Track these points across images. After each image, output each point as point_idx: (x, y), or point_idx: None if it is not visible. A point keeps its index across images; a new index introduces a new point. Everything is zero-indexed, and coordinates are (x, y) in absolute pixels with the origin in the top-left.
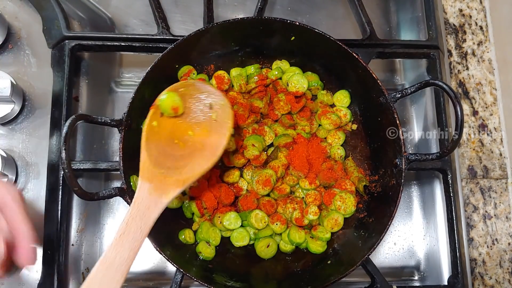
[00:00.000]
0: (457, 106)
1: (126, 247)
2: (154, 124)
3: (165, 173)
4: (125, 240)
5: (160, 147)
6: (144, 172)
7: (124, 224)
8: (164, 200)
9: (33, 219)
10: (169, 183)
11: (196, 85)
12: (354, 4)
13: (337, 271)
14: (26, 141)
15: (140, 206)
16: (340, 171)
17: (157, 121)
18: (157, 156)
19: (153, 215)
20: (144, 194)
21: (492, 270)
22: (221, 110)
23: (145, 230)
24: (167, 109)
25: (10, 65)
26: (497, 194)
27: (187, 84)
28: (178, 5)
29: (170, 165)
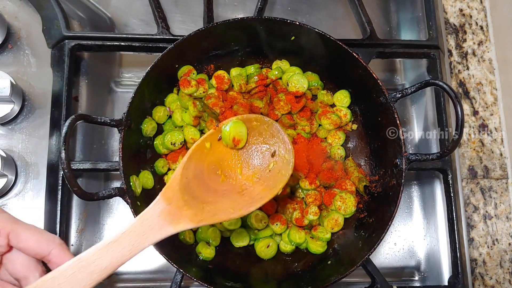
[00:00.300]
0: (457, 106)
1: (108, 258)
2: (207, 146)
3: (188, 202)
4: (111, 249)
5: (199, 171)
6: (168, 190)
7: (120, 233)
8: (170, 229)
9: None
10: (185, 215)
11: (273, 126)
12: (354, 4)
13: (337, 271)
14: (26, 141)
15: (144, 223)
16: (340, 171)
17: (211, 143)
18: (190, 180)
19: (152, 239)
20: (154, 213)
21: (492, 270)
22: (281, 164)
23: (135, 251)
24: (227, 139)
25: (10, 65)
26: (498, 194)
27: (264, 121)
28: (178, 5)
29: (198, 195)
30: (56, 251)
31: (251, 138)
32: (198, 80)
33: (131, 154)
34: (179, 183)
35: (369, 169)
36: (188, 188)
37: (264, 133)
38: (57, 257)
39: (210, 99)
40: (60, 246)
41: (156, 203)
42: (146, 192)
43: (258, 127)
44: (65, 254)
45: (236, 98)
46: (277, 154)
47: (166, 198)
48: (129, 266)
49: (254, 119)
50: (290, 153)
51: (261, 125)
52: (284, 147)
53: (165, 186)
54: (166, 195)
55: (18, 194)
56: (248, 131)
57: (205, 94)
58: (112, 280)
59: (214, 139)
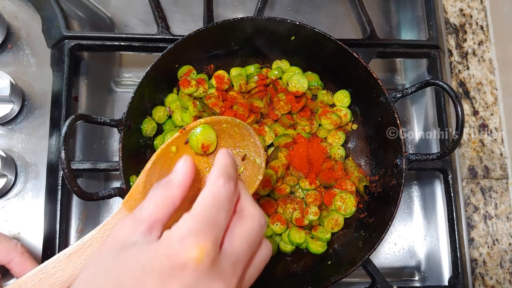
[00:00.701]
0: (457, 106)
1: (69, 269)
2: (173, 150)
3: None
4: (72, 261)
5: (164, 176)
6: (130, 198)
7: (81, 244)
8: None
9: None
10: None
11: (244, 128)
12: (354, 4)
13: (337, 271)
14: (26, 141)
15: (106, 233)
16: (340, 171)
17: (177, 146)
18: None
19: None
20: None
21: (492, 271)
22: (251, 169)
23: None
24: (195, 145)
25: (10, 65)
26: (498, 194)
27: (235, 123)
28: (178, 5)
29: None
30: (17, 260)
31: (220, 141)
32: (198, 80)
33: (131, 154)
34: (141, 191)
35: (369, 169)
36: None
37: (235, 135)
38: (18, 266)
39: (210, 99)
40: (21, 255)
41: (118, 212)
42: None
43: (228, 129)
44: (27, 263)
45: (236, 98)
46: (247, 158)
47: (129, 207)
48: None
49: (224, 121)
50: (261, 157)
51: (231, 127)
52: (255, 150)
53: (128, 194)
54: (129, 203)
55: (18, 194)
56: (217, 133)
57: (205, 94)
58: None
59: (180, 143)
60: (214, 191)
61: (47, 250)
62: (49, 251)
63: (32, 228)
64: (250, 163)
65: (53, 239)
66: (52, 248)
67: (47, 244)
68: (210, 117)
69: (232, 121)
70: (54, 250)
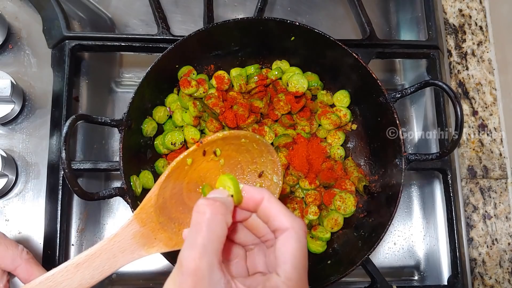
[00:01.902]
0: (457, 106)
1: (77, 279)
2: (188, 162)
3: (163, 224)
4: (80, 271)
5: (178, 189)
6: (142, 211)
7: (89, 254)
8: (142, 253)
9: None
10: (160, 238)
11: (263, 145)
12: (354, 4)
13: (337, 271)
14: (26, 141)
15: (116, 245)
16: (340, 171)
17: (193, 159)
18: (167, 200)
19: (122, 262)
20: (127, 235)
21: (492, 270)
22: (267, 186)
23: (105, 273)
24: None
25: (10, 65)
26: (497, 194)
27: (254, 139)
28: (178, 5)
29: (175, 216)
30: (23, 267)
31: (238, 155)
32: (198, 80)
33: (132, 154)
34: (154, 205)
35: (369, 169)
36: (164, 208)
37: (253, 151)
38: (24, 273)
39: (210, 99)
40: (26, 262)
41: (129, 224)
42: (147, 192)
43: (246, 144)
44: (33, 270)
45: (236, 98)
46: (265, 175)
47: (140, 219)
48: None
49: (243, 135)
50: (279, 176)
51: (250, 143)
52: (272, 168)
53: (139, 207)
54: (140, 216)
55: (18, 194)
56: (235, 147)
57: (205, 94)
58: (112, 280)
59: (197, 156)
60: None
61: (47, 250)
62: (50, 250)
63: (32, 228)
64: (267, 180)
65: (53, 239)
66: (53, 248)
67: (48, 244)
68: (229, 131)
69: (252, 136)
70: (54, 250)
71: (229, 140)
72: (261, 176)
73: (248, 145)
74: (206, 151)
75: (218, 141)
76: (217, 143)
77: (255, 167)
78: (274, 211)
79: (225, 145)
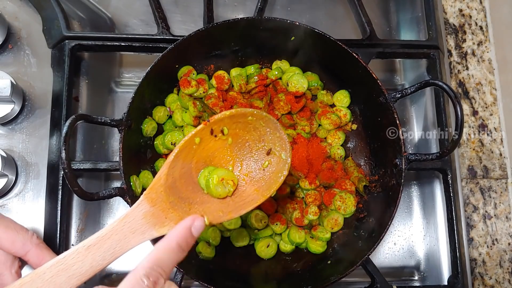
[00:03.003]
0: (457, 106)
1: (88, 261)
2: (196, 141)
3: (174, 203)
4: (91, 253)
5: (187, 168)
6: (152, 191)
7: (100, 236)
8: (154, 233)
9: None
10: (170, 218)
11: (271, 122)
12: (354, 4)
13: (337, 271)
14: (26, 141)
15: (126, 225)
16: (340, 171)
17: (201, 138)
18: (176, 179)
19: (134, 243)
20: (137, 215)
21: (492, 270)
22: (276, 164)
23: (117, 254)
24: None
25: (10, 65)
26: (497, 194)
27: (261, 116)
28: (178, 5)
29: (185, 195)
30: (33, 252)
31: (245, 133)
32: (198, 80)
33: (132, 154)
34: (164, 184)
35: (369, 169)
36: (174, 188)
37: (260, 128)
38: (34, 258)
39: (210, 99)
40: (37, 246)
41: (139, 204)
42: None
43: (253, 122)
44: (43, 254)
45: (236, 98)
46: (273, 152)
47: (150, 199)
48: (130, 266)
49: (250, 113)
50: (287, 152)
51: (257, 120)
52: (281, 145)
53: (149, 187)
54: (150, 196)
55: (18, 194)
56: (242, 125)
57: (205, 94)
58: (112, 280)
59: (204, 134)
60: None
61: None
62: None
63: (32, 228)
64: (275, 157)
65: (53, 238)
66: (53, 248)
67: (48, 244)
68: (236, 109)
69: (259, 114)
70: (54, 250)
71: (236, 118)
72: (269, 153)
73: (255, 122)
74: (213, 129)
75: (226, 119)
76: (224, 121)
77: (263, 145)
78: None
79: (232, 124)
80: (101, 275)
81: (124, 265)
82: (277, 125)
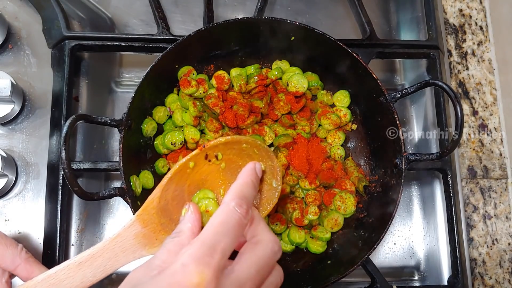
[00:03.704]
0: (457, 106)
1: (79, 277)
2: (190, 165)
3: (165, 225)
4: (82, 269)
5: (179, 191)
6: (144, 212)
7: (91, 253)
8: (144, 253)
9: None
10: (160, 239)
11: (264, 150)
12: (354, 4)
13: (337, 271)
14: (26, 141)
15: (118, 244)
16: (340, 171)
17: (195, 162)
18: (169, 201)
19: (124, 261)
20: (129, 235)
21: (492, 270)
22: (267, 192)
23: (107, 272)
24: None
25: (10, 65)
26: (497, 194)
27: (255, 144)
28: (178, 5)
29: (176, 217)
30: (22, 266)
31: (239, 160)
32: (198, 80)
33: (132, 154)
34: (156, 206)
35: (369, 169)
36: (166, 210)
37: (254, 156)
38: (24, 272)
39: (210, 99)
40: (26, 261)
41: (131, 225)
42: (147, 192)
43: (247, 149)
44: (33, 268)
45: (236, 98)
46: (264, 180)
47: (142, 220)
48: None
49: (244, 141)
50: (278, 181)
51: (251, 148)
52: (272, 173)
53: (141, 208)
54: (142, 217)
55: (18, 194)
56: (236, 152)
57: (205, 94)
58: (112, 280)
59: (199, 159)
60: (223, 216)
61: (47, 249)
62: (50, 250)
63: (32, 228)
64: (266, 185)
65: (53, 238)
66: (53, 248)
67: (48, 244)
68: (232, 136)
69: (253, 142)
70: (54, 250)
71: (231, 145)
72: (261, 181)
73: (249, 150)
74: (208, 155)
75: (220, 145)
76: (219, 147)
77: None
78: (258, 229)
79: (226, 150)
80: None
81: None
82: (270, 154)
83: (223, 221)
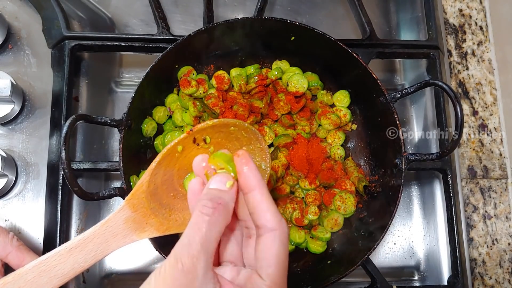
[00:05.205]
0: (457, 106)
1: (70, 263)
2: (179, 149)
3: (154, 209)
4: (73, 255)
5: (169, 175)
6: (133, 197)
7: (82, 239)
8: (134, 237)
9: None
10: (151, 223)
11: (252, 132)
12: (354, 4)
13: (337, 271)
14: (26, 141)
15: (108, 230)
16: (340, 171)
17: (183, 146)
18: (158, 186)
19: (115, 246)
20: (119, 220)
21: (492, 270)
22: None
23: (98, 257)
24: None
25: (10, 65)
26: (497, 194)
27: (243, 127)
28: (178, 5)
29: (166, 201)
30: (13, 254)
31: (227, 143)
32: (198, 81)
33: (131, 154)
34: (145, 190)
35: (369, 169)
36: (155, 194)
37: (242, 139)
38: (15, 259)
39: (210, 99)
40: (17, 249)
41: (121, 210)
42: None
43: (235, 132)
44: (24, 256)
45: (236, 98)
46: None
47: (132, 205)
48: (130, 266)
49: (232, 124)
50: (267, 163)
51: (239, 131)
52: (261, 155)
53: (131, 193)
54: (132, 202)
55: (18, 194)
56: (224, 135)
57: (205, 94)
58: (112, 280)
59: (187, 143)
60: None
61: (47, 249)
62: (50, 250)
63: (32, 228)
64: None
65: (53, 238)
66: (53, 248)
67: (48, 244)
68: (219, 119)
69: (240, 124)
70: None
71: (219, 128)
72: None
73: (237, 133)
74: (196, 138)
75: (208, 129)
76: (207, 131)
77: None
78: (263, 206)
79: (214, 133)
80: (101, 275)
81: (124, 265)
82: (259, 136)
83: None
